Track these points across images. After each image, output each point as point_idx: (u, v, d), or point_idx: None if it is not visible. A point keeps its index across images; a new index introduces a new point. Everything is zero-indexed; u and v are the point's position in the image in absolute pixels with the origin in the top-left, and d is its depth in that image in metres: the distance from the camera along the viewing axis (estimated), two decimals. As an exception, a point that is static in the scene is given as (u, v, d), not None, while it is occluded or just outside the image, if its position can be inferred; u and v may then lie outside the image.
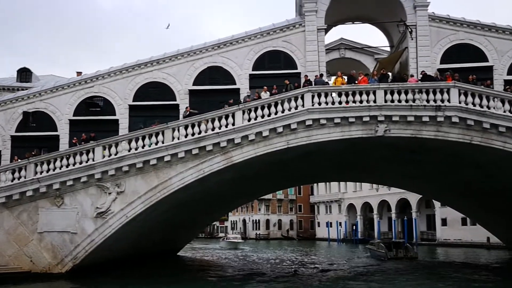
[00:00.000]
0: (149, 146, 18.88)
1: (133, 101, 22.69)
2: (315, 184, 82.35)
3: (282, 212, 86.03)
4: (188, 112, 20.07)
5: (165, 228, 25.18)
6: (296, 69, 22.08)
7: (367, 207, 68.34)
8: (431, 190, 33.42)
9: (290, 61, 22.22)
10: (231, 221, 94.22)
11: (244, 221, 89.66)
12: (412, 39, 22.24)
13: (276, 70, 22.11)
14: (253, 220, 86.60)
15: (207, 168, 18.75)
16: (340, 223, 71.98)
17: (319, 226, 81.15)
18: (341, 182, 73.26)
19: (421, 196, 50.42)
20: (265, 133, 18.55)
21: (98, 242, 18.64)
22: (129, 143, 19.07)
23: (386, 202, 62.85)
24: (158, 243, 27.85)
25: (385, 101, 18.55)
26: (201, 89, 22.56)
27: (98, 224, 18.71)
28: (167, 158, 18.77)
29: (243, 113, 18.89)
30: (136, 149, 18.90)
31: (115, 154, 18.91)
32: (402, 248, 31.41)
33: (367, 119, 18.51)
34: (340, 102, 18.68)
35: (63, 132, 22.78)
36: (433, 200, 51.20)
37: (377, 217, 63.99)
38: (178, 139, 18.79)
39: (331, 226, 72.25)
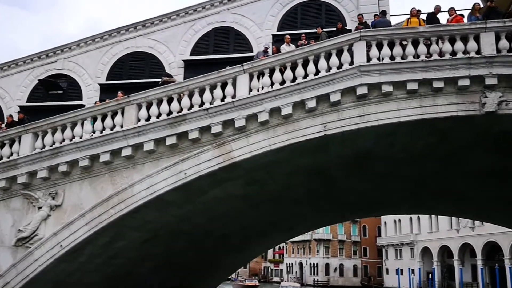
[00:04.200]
0: (101, 133, 11.85)
1: (107, 79, 16.03)
2: (382, 224, 71.98)
3: (344, 256, 75.54)
4: (163, 80, 12.91)
5: (156, 268, 17.69)
6: (345, 25, 14.34)
7: (445, 251, 57.00)
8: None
9: (335, 14, 14.58)
10: (287, 263, 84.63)
11: (300, 264, 79.81)
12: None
13: (313, 28, 14.50)
14: (310, 264, 76.60)
15: (191, 170, 11.31)
16: (413, 271, 60.78)
17: (387, 273, 69.94)
18: (413, 221, 62.61)
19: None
20: (285, 110, 10.94)
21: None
22: (73, 128, 12.19)
23: (469, 245, 51.65)
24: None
25: (498, 51, 10.41)
26: (202, 59, 15.37)
27: (18, 257, 11.70)
28: (126, 152, 11.63)
29: (250, 78, 11.48)
30: (80, 137, 11.95)
31: (51, 146, 12.09)
32: None
33: (466, 82, 10.39)
34: (417, 56, 10.77)
35: (12, 123, 16.37)
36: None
37: (459, 263, 52.57)
38: (146, 121, 11.66)
39: (401, 274, 61.16)
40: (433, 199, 20.20)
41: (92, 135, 11.90)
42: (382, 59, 10.80)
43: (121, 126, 11.75)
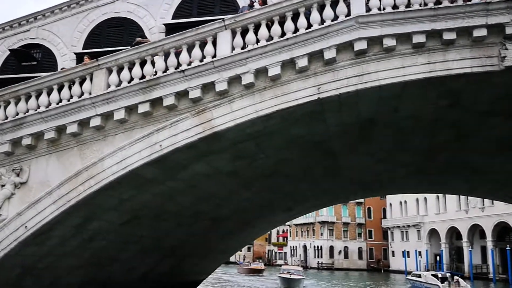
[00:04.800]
0: (68, 101, 10.53)
1: (84, 48, 14.67)
2: (388, 205, 70.75)
3: (349, 238, 74.46)
4: (136, 41, 11.49)
5: (144, 251, 16.47)
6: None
7: (453, 233, 55.74)
8: None
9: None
10: (291, 246, 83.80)
11: (304, 247, 78.87)
12: None
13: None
14: (314, 247, 75.63)
15: (167, 141, 9.99)
16: (420, 253, 59.58)
17: (393, 255, 68.89)
18: (420, 202, 61.30)
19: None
20: (273, 71, 9.55)
21: (-25, 273, 10.43)
22: (38, 97, 10.90)
23: (478, 226, 50.30)
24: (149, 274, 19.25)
25: (520, -5, 8.92)
26: (184, 22, 13.90)
27: (-21, 240, 10.51)
28: (95, 122, 10.33)
29: (233, 35, 10.06)
30: (47, 106, 10.67)
31: (14, 117, 10.82)
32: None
33: (482, 32, 8.91)
34: (424, 3, 9.29)
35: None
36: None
37: (468, 245, 51.30)
38: (117, 87, 10.32)
39: (408, 256, 60.00)
40: (443, 176, 18.77)
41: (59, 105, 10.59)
42: (384, 8, 9.34)
43: (90, 94, 10.42)
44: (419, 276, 36.55)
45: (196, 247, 20.76)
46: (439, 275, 34.23)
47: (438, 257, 56.25)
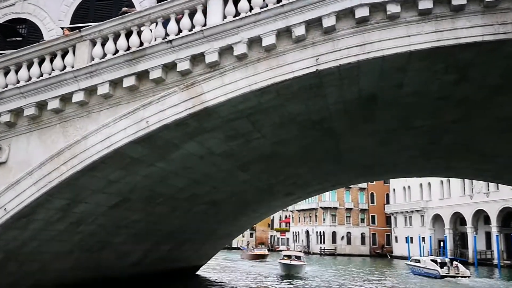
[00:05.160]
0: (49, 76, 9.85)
1: (71, 23, 13.93)
2: (391, 191, 70.22)
3: (352, 224, 74.05)
4: (122, 11, 10.73)
5: (140, 236, 15.91)
6: None
7: (457, 218, 55.16)
8: None
9: None
10: (293, 232, 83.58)
11: (307, 232, 78.63)
12: None
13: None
14: (317, 232, 75.33)
15: (154, 117, 9.33)
16: (423, 239, 59.12)
17: (396, 241, 68.50)
18: (424, 187, 60.72)
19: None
20: (268, 40, 8.82)
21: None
22: (17, 71, 10.23)
23: (483, 212, 49.68)
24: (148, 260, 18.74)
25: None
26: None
27: (-44, 224, 9.95)
28: (78, 97, 9.67)
29: (225, 3, 9.32)
30: (27, 81, 10.01)
31: (-8, 93, 10.16)
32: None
33: (496, -3, 8.15)
34: (432, -35, 8.50)
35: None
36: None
37: (472, 231, 50.74)
38: (101, 59, 9.63)
39: (411, 242, 59.57)
40: (449, 158, 18.08)
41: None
42: (387, -29, 8.55)
43: (73, 67, 9.74)
44: (418, 261, 36.23)
45: (195, 232, 20.24)
46: (439, 260, 34.05)
47: (442, 243, 55.81)
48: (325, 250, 71.16)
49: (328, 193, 72.28)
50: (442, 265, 32.78)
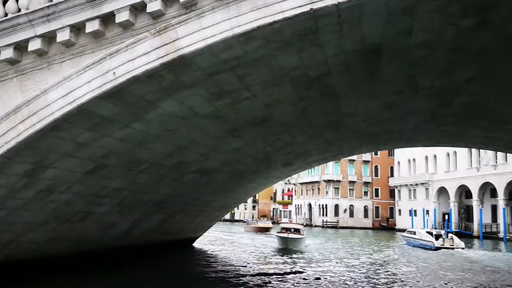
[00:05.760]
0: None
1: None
2: (395, 164, 69.06)
3: (355, 197, 73.19)
4: None
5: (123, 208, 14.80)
6: None
7: (463, 191, 54.07)
8: None
9: None
10: (296, 205, 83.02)
11: (309, 205, 77.97)
12: None
13: None
14: (319, 205, 74.64)
15: (122, 68, 8.04)
16: (427, 211, 58.23)
17: (400, 214, 67.70)
18: (429, 160, 59.48)
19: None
20: (252, -26, 7.42)
21: None
22: (-33, 17, 8.91)
23: (489, 185, 48.52)
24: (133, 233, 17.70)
25: None
26: None
27: None
28: (35, 45, 8.38)
29: None
30: (-24, 28, 8.69)
31: None
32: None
33: None
34: None
35: None
36: None
37: (478, 204, 49.71)
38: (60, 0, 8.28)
39: (415, 215, 58.73)
40: (460, 125, 16.73)
41: (-9, 25, 8.61)
42: None
43: (28, 10, 8.41)
44: (414, 233, 35.91)
45: (186, 202, 19.17)
46: (434, 232, 34.09)
47: (446, 216, 54.93)
48: (328, 223, 70.60)
49: (331, 166, 71.27)
50: (437, 237, 32.86)
